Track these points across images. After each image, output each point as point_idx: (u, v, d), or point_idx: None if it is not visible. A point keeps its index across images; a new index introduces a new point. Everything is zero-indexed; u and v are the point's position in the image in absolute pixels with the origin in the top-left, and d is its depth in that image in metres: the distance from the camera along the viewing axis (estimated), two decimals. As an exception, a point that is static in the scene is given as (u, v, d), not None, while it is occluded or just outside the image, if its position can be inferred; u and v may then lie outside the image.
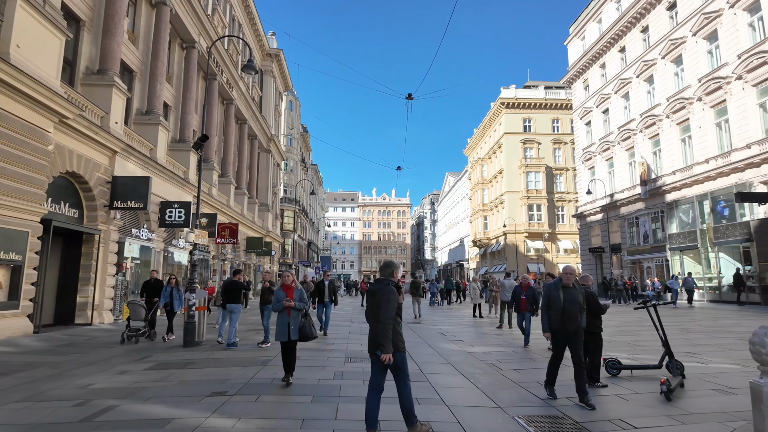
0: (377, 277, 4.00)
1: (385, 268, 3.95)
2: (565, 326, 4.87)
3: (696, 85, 21.92)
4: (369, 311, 3.82)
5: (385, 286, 3.74)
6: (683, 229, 22.93)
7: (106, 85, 13.17)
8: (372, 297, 3.81)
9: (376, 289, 3.80)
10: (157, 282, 9.87)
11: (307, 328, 5.52)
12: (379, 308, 3.63)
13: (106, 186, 12.91)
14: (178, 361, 6.98)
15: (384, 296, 3.65)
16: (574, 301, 4.91)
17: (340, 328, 11.87)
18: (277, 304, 5.52)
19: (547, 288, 5.17)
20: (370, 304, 3.83)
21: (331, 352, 7.84)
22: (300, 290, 5.66)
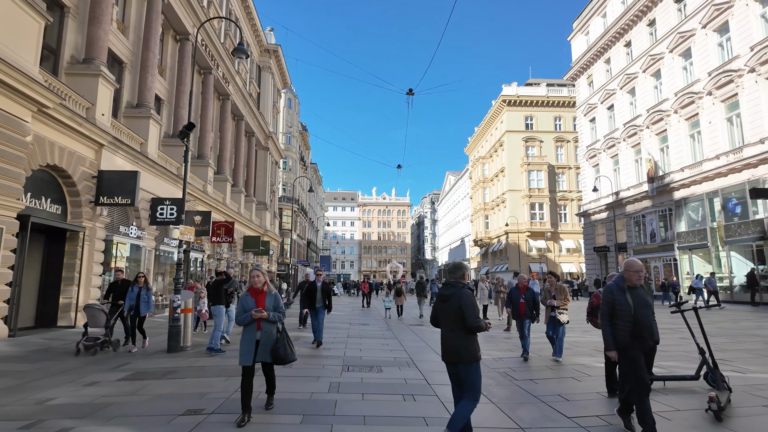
0: (447, 280, 3.65)
1: (456, 270, 3.61)
2: (639, 341, 3.66)
3: (706, 79, 21.25)
4: (442, 318, 3.54)
5: (460, 289, 3.47)
6: (692, 228, 22.27)
7: (91, 74, 12.50)
8: (444, 302, 3.50)
9: (449, 293, 3.49)
10: (125, 283, 8.44)
11: (281, 348, 4.14)
12: (457, 314, 3.37)
13: (91, 181, 12.23)
14: (157, 369, 6.31)
15: (464, 301, 3.39)
16: (646, 306, 3.72)
17: (338, 331, 11.20)
18: (242, 315, 4.13)
19: (609, 291, 3.91)
20: (442, 309, 3.53)
21: (327, 359, 7.17)
22: (275, 296, 4.30)
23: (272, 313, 4.21)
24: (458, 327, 3.41)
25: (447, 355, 3.51)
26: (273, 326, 4.21)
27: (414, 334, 10.82)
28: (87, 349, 7.54)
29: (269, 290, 4.35)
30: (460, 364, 3.39)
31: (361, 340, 9.62)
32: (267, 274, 4.60)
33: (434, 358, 7.49)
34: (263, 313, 4.12)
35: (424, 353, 7.98)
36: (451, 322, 3.44)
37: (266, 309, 4.19)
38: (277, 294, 4.38)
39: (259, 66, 34.43)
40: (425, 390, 5.28)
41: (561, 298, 7.14)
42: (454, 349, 3.41)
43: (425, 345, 9.02)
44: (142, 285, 8.28)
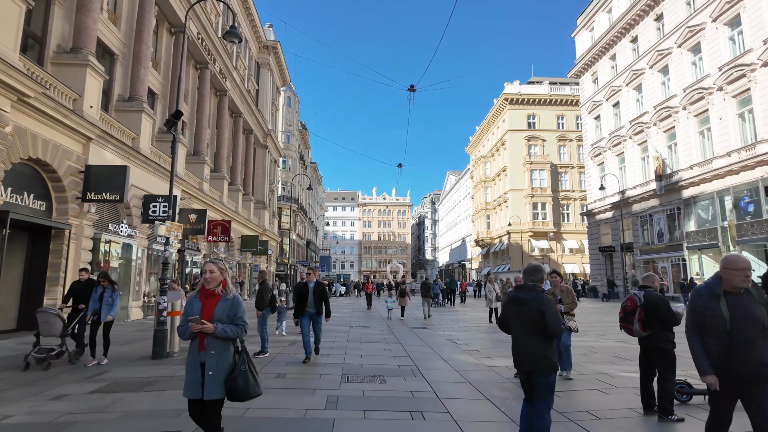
0: (523, 283, 3.45)
1: (534, 273, 3.41)
2: (735, 365, 2.72)
3: (716, 74, 20.65)
4: (516, 323, 3.34)
5: (539, 294, 3.28)
6: (702, 227, 21.66)
7: (79, 64, 11.90)
8: (520, 306, 3.31)
9: (527, 297, 3.29)
10: (90, 283, 7.22)
11: (240, 379, 2.89)
12: (536, 319, 3.18)
13: (78, 176, 11.63)
14: (136, 379, 5.71)
15: (547, 306, 3.18)
16: (750, 319, 2.73)
17: (338, 335, 10.59)
18: (183, 326, 2.95)
19: (698, 297, 2.97)
20: (517, 314, 3.33)
21: (325, 368, 6.56)
22: (232, 302, 3.03)
23: (221, 326, 2.88)
24: (536, 333, 3.20)
25: (522, 364, 3.27)
26: (225, 346, 2.93)
27: (418, 338, 10.21)
28: (39, 362, 6.34)
29: (225, 293, 3.04)
30: (538, 374, 3.18)
31: (361, 345, 9.01)
32: (227, 270, 3.15)
33: (442, 366, 6.88)
34: (207, 325, 2.83)
35: (431, 360, 7.37)
36: (528, 328, 3.24)
37: (215, 319, 2.91)
38: (236, 299, 3.08)
39: (257, 63, 33.84)
40: (435, 405, 4.67)
41: (568, 301, 6.12)
42: (532, 357, 3.20)
43: (431, 350, 8.41)
44: (107, 286, 6.96)
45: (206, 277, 3.02)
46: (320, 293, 7.20)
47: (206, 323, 2.85)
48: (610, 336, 10.34)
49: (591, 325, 12.68)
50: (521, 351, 3.27)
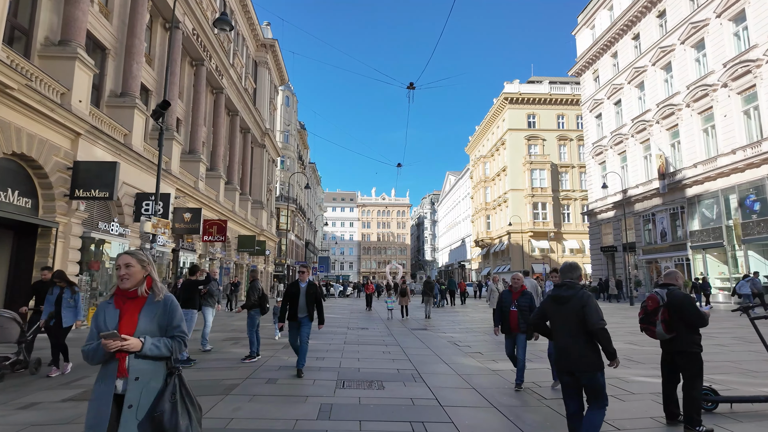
0: (562, 280, 3.37)
1: (572, 270, 3.38)
2: None
3: (721, 70, 20.31)
4: (558, 322, 3.27)
5: (579, 290, 3.23)
6: (706, 226, 21.30)
7: (67, 57, 11.52)
8: (561, 304, 3.23)
9: (568, 294, 3.23)
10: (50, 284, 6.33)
11: (167, 417, 2.00)
12: (579, 317, 3.11)
13: (66, 172, 11.24)
14: (116, 385, 5.31)
15: (587, 302, 3.12)
16: None
17: (335, 337, 10.20)
18: (89, 345, 2.11)
19: None
20: (557, 313, 3.26)
21: (319, 372, 6.16)
22: (163, 305, 2.22)
23: (151, 341, 2.07)
24: (579, 331, 3.12)
25: (567, 364, 3.15)
26: (156, 369, 2.10)
27: (418, 340, 9.82)
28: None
29: (153, 295, 2.21)
30: (584, 373, 3.07)
31: (359, 347, 8.62)
32: (151, 262, 2.29)
33: (443, 370, 6.49)
34: (129, 341, 2.02)
35: (432, 363, 6.98)
36: (570, 327, 3.16)
37: (140, 331, 2.10)
38: (170, 302, 2.22)
39: (255, 61, 33.47)
40: (438, 415, 4.28)
41: None
42: (577, 357, 3.09)
43: (431, 353, 8.02)
44: (65, 286, 6.08)
45: (121, 274, 2.16)
46: (313, 295, 6.16)
47: (128, 338, 2.01)
48: (617, 338, 9.95)
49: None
50: (565, 352, 3.16)
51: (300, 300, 6.11)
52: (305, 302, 6.11)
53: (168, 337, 2.17)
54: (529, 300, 5.47)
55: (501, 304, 5.63)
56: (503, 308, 5.57)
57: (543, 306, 3.45)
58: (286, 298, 6.16)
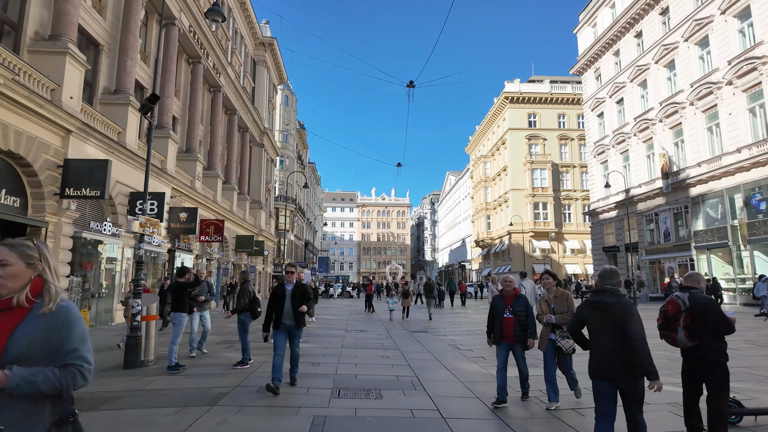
0: (602, 287, 3.27)
1: (612, 276, 3.28)
2: None
3: (726, 68, 20.00)
4: (596, 328, 3.20)
5: (621, 297, 3.17)
6: (711, 226, 20.99)
7: (58, 52, 11.21)
8: (603, 311, 3.16)
9: (610, 301, 3.14)
10: None
11: None
12: (620, 324, 3.06)
13: (56, 170, 10.93)
14: (97, 394, 4.99)
15: (631, 311, 3.07)
16: None
17: (332, 340, 9.88)
18: None
19: None
20: (597, 319, 3.20)
21: (314, 380, 5.84)
22: (54, 318, 1.50)
23: (22, 373, 1.40)
24: (622, 338, 3.05)
25: (606, 370, 3.09)
26: (32, 412, 1.46)
27: (418, 344, 9.50)
28: None
29: (39, 305, 1.53)
30: (623, 379, 3.04)
31: (357, 352, 8.30)
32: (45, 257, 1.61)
33: (445, 377, 6.17)
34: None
35: (433, 370, 6.66)
36: (612, 333, 3.10)
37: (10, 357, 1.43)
38: (66, 315, 1.54)
39: (253, 60, 33.17)
40: (440, 428, 3.97)
41: (562, 310, 4.73)
42: (620, 363, 3.04)
43: (432, 358, 7.70)
44: None
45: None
46: (301, 299, 5.38)
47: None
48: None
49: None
50: (603, 357, 3.11)
51: (286, 305, 5.31)
52: (292, 307, 5.32)
53: (58, 366, 1.47)
54: (524, 304, 4.88)
55: (493, 310, 5.01)
56: (496, 315, 4.96)
57: (581, 312, 3.35)
58: (271, 303, 5.43)
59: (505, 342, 4.82)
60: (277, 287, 5.52)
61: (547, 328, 4.81)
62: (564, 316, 4.67)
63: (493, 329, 4.97)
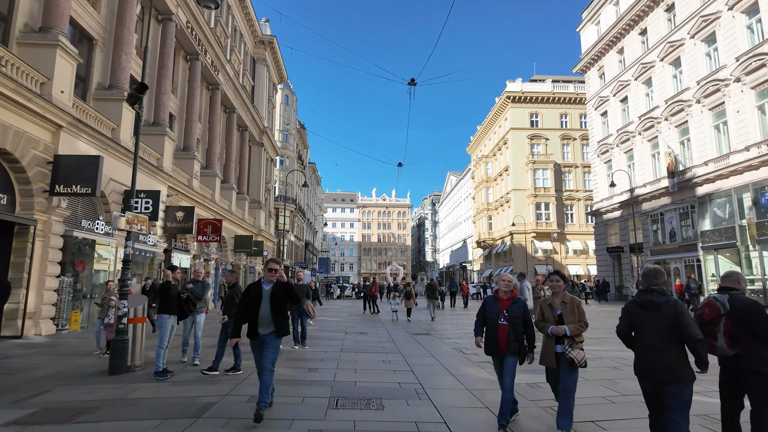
0: (648, 287, 3.21)
1: (658, 276, 3.22)
2: None
3: (733, 64, 19.59)
4: (647, 329, 3.11)
5: (670, 297, 3.12)
6: (718, 226, 20.57)
7: (48, 45, 10.87)
8: (652, 311, 3.10)
9: (660, 301, 3.09)
10: None
11: None
12: (671, 325, 3.01)
13: (45, 167, 10.57)
14: (75, 404, 4.61)
15: (682, 311, 3.03)
16: None
17: (331, 343, 9.49)
18: None
19: None
20: (647, 319, 3.12)
21: (310, 387, 5.44)
22: None
23: None
24: (672, 339, 3.01)
25: (655, 374, 3.05)
26: None
27: (421, 347, 9.10)
28: None
29: None
30: (674, 384, 2.97)
31: (357, 356, 7.90)
32: None
33: (450, 383, 5.77)
34: None
35: (438, 376, 6.26)
36: (661, 336, 3.04)
37: None
38: None
39: (253, 58, 32.82)
40: (448, 444, 3.56)
41: (572, 319, 3.92)
42: (668, 368, 2.98)
43: (437, 363, 7.30)
44: None
45: None
46: (281, 302, 4.32)
47: None
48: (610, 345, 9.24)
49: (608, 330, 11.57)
50: (652, 359, 3.05)
51: (262, 308, 4.21)
52: (270, 312, 4.21)
53: None
54: (522, 309, 4.05)
55: (484, 314, 4.15)
56: (488, 320, 4.11)
57: (628, 312, 3.27)
58: (243, 306, 4.35)
59: (499, 354, 4.01)
60: (251, 286, 4.47)
61: (550, 339, 3.93)
62: (577, 326, 3.88)
63: (482, 334, 4.16)
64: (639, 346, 3.17)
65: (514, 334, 3.96)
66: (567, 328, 3.87)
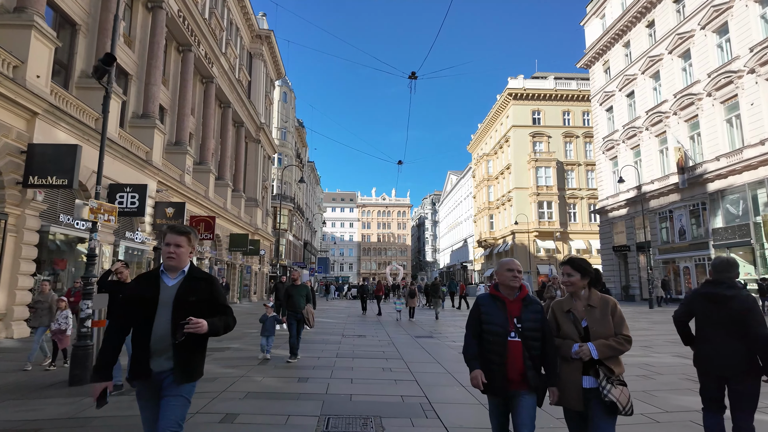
0: (718, 279, 2.92)
1: (730, 268, 2.94)
2: None
3: (747, 55, 18.84)
4: (713, 323, 2.87)
5: (740, 291, 2.86)
6: (731, 223, 19.81)
7: (22, 25, 10.09)
8: (718, 305, 2.85)
9: (729, 294, 2.83)
10: None
11: None
12: (739, 319, 2.78)
13: (19, 157, 9.78)
14: (14, 424, 3.82)
15: (752, 306, 2.79)
16: None
17: (325, 347, 8.71)
18: None
19: None
20: (712, 313, 2.88)
21: (297, 403, 4.65)
22: None
23: None
24: (739, 335, 2.79)
25: (722, 369, 2.84)
26: None
27: (424, 352, 8.33)
28: None
29: None
30: (737, 379, 2.80)
31: (354, 362, 7.13)
32: None
33: (461, 398, 4.98)
34: None
35: (445, 387, 5.48)
36: (728, 330, 2.83)
37: None
38: None
39: (250, 53, 32.04)
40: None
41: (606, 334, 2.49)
42: (737, 362, 2.78)
43: (442, 370, 6.52)
44: None
45: None
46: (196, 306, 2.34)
47: None
48: (659, 348, 8.48)
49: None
50: (716, 355, 2.88)
51: (156, 322, 2.27)
52: (173, 326, 2.25)
53: None
54: (540, 315, 2.56)
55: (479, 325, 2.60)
56: (487, 335, 2.55)
57: (691, 304, 3.04)
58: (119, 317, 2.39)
59: (509, 390, 2.48)
60: (139, 279, 2.47)
61: (572, 366, 2.49)
62: (610, 344, 2.44)
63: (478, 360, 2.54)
64: (701, 340, 3.00)
65: (531, 358, 2.45)
66: (593, 348, 2.41)
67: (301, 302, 7.33)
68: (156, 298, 2.29)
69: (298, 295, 7.38)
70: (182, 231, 2.44)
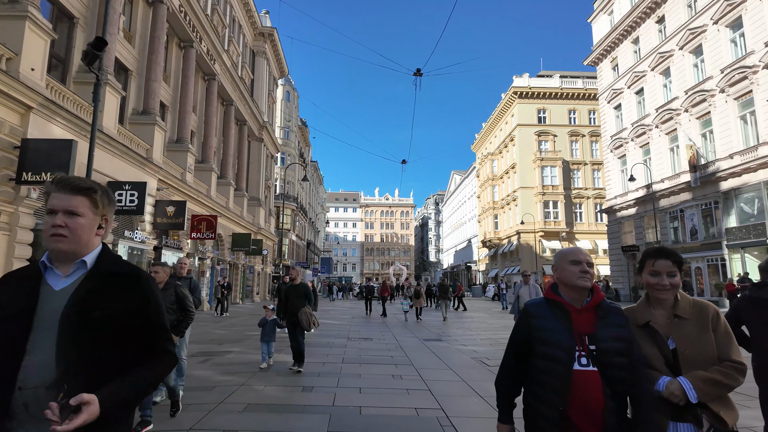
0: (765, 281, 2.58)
1: None
2: None
3: (762, 50, 18.33)
4: (760, 331, 2.48)
5: None
6: (745, 222, 19.27)
7: (16, 16, 9.72)
8: (766, 310, 2.43)
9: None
10: None
11: None
12: None
13: (12, 152, 9.42)
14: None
15: None
16: None
17: (331, 351, 8.29)
18: None
19: None
20: (760, 319, 2.50)
21: (301, 417, 4.23)
22: None
23: None
24: None
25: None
26: None
27: (434, 356, 7.90)
28: None
29: None
30: None
31: (361, 368, 6.71)
32: None
33: (482, 411, 4.55)
34: None
35: (462, 397, 5.05)
36: None
37: None
38: None
39: (253, 51, 31.70)
40: None
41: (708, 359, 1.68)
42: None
43: (456, 378, 6.09)
44: None
45: None
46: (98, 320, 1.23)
47: None
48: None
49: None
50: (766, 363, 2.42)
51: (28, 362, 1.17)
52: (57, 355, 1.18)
53: None
54: (626, 332, 1.63)
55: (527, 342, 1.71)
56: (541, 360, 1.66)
57: (737, 309, 2.61)
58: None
59: None
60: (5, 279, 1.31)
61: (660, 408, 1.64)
62: (713, 378, 1.63)
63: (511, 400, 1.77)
64: (754, 347, 2.60)
65: (612, 394, 1.57)
66: (688, 386, 1.61)
67: (299, 303, 6.62)
68: (29, 313, 1.21)
69: (295, 296, 6.68)
70: (79, 187, 1.31)
